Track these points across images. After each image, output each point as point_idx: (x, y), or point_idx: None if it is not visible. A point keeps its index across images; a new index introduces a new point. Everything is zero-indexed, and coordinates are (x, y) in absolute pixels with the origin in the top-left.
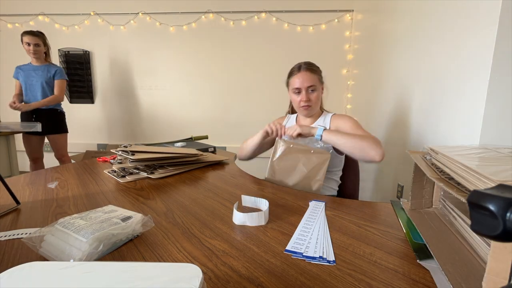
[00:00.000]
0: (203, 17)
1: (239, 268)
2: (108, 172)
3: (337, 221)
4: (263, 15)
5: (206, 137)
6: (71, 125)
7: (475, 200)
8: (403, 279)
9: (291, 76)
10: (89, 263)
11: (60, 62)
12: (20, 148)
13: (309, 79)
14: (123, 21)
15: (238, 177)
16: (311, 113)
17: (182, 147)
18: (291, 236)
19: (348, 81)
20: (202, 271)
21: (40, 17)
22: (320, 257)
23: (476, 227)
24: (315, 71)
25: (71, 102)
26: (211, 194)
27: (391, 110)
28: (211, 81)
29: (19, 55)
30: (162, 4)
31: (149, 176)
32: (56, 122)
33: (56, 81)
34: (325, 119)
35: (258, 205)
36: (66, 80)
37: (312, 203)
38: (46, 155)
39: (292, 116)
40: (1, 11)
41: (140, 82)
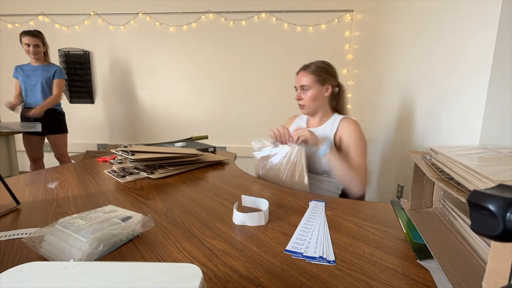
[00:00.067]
0: (203, 17)
1: (239, 268)
2: (108, 172)
3: (337, 221)
4: (263, 15)
5: (206, 137)
6: (71, 125)
7: (475, 200)
8: (403, 279)
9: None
10: (89, 263)
11: (60, 62)
12: (20, 148)
13: (301, 79)
14: (123, 21)
15: (238, 177)
16: (306, 112)
17: (182, 147)
18: (291, 236)
19: (348, 81)
20: (202, 271)
21: (40, 17)
22: (320, 257)
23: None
24: (314, 71)
25: (71, 102)
26: (211, 194)
27: (391, 110)
28: (211, 81)
29: (19, 55)
30: (162, 4)
31: (149, 176)
32: (56, 122)
33: (55, 81)
34: (334, 123)
35: (258, 205)
36: (65, 79)
37: (312, 203)
38: (46, 155)
39: (304, 116)
40: (1, 11)
41: (140, 82)
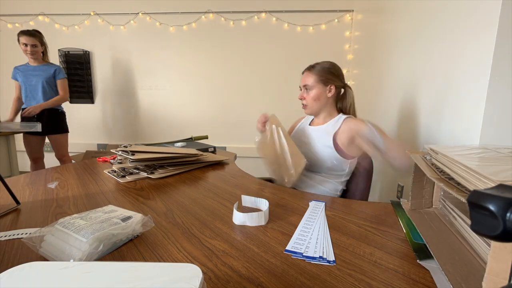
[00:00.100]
0: (203, 17)
1: (239, 268)
2: (108, 172)
3: (337, 221)
4: (263, 15)
5: (206, 137)
6: (71, 125)
7: (475, 200)
8: (403, 279)
9: None
10: (89, 263)
11: (60, 62)
12: (20, 148)
13: (305, 79)
14: (123, 21)
15: (238, 177)
16: (309, 111)
17: (182, 147)
18: (291, 236)
19: (348, 81)
20: (202, 271)
21: (40, 17)
22: (320, 257)
23: (476, 227)
24: (317, 71)
25: (71, 102)
26: (211, 194)
27: (391, 110)
28: (211, 81)
29: (19, 55)
30: (162, 4)
31: (149, 176)
32: (57, 122)
33: (59, 81)
34: (337, 122)
35: (258, 205)
36: (66, 78)
37: (312, 203)
38: (47, 155)
39: (309, 118)
40: (1, 11)
41: (140, 82)
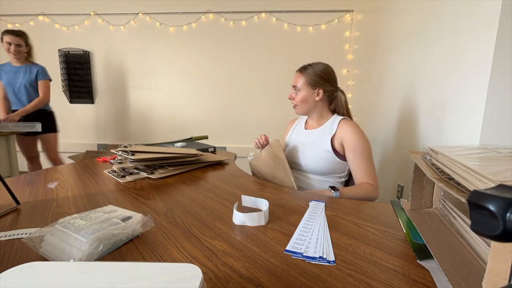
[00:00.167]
0: (203, 17)
1: (239, 268)
2: (108, 172)
3: (337, 221)
4: (263, 15)
5: (206, 137)
6: (71, 125)
7: (475, 200)
8: (403, 279)
9: None
10: (89, 263)
11: (60, 62)
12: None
13: (295, 79)
14: (123, 21)
15: (238, 177)
16: (298, 112)
17: (182, 147)
18: (291, 236)
19: (348, 81)
20: (202, 271)
21: (40, 17)
22: (320, 257)
23: (476, 227)
24: (307, 74)
25: (71, 102)
26: (211, 194)
27: (392, 110)
28: (211, 81)
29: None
30: (162, 4)
31: (149, 176)
32: (46, 122)
33: (40, 82)
34: (333, 124)
35: (258, 205)
36: (50, 79)
37: (312, 203)
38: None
39: (304, 118)
40: (1, 11)
41: (140, 82)
